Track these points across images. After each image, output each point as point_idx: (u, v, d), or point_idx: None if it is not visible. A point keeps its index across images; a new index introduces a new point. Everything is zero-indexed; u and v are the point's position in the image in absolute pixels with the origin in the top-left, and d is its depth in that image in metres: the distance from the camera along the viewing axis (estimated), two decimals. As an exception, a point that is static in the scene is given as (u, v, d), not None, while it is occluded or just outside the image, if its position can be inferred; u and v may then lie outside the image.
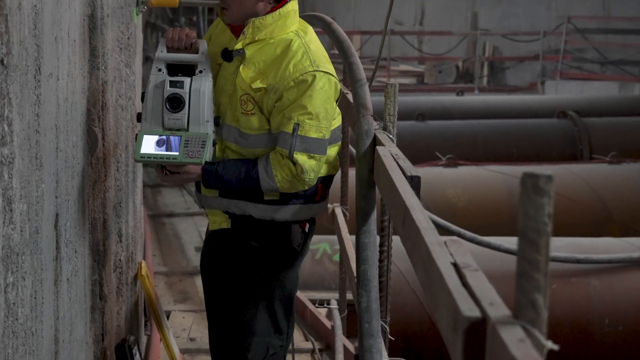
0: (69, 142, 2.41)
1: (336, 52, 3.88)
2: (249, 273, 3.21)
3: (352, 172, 3.66)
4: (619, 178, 8.01)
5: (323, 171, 3.17)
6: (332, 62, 3.13)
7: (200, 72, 3.05)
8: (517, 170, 8.07)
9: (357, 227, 2.87)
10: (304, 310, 5.22)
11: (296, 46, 3.01)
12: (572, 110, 10.65)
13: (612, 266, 5.42)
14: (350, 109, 3.34)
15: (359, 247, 2.86)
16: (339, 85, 3.10)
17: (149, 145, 2.97)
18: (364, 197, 2.87)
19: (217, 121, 3.10)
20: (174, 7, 3.59)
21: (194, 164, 3.00)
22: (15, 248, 1.78)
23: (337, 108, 3.19)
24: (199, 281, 6.08)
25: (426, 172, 7.81)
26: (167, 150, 2.96)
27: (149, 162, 3.02)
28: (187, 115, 3.00)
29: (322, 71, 2.99)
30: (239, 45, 3.05)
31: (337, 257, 5.50)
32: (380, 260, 3.06)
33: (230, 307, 3.27)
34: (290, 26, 3.06)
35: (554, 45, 18.85)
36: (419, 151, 9.26)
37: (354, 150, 3.45)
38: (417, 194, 2.22)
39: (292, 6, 3.07)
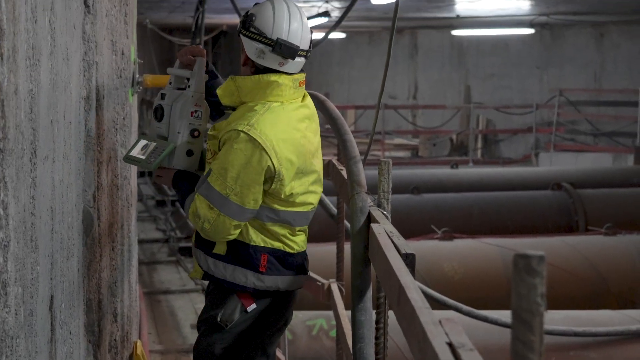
0: (64, 223, 2.42)
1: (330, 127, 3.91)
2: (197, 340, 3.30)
3: (347, 247, 3.66)
4: (615, 250, 8.00)
5: (268, 243, 3.17)
6: (327, 137, 3.18)
7: (189, 87, 3.28)
8: (513, 242, 8.07)
9: (353, 304, 2.87)
10: (301, 387, 5.16)
11: (252, 109, 3.08)
12: (566, 182, 10.68)
13: (610, 339, 5.39)
14: (344, 185, 3.36)
15: (354, 325, 2.85)
16: (265, 161, 3.01)
17: (137, 148, 3.26)
18: (359, 275, 2.86)
19: (193, 133, 3.25)
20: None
21: (147, 169, 3.28)
22: (9, 332, 1.78)
23: (305, 197, 3.16)
24: (195, 359, 6.01)
25: (422, 246, 7.80)
26: (143, 155, 3.23)
27: (129, 162, 3.32)
28: (167, 124, 3.27)
29: (249, 135, 3.00)
30: (224, 101, 3.18)
31: (334, 333, 5.46)
32: (376, 337, 3.04)
33: None
34: (269, 96, 3.09)
35: (547, 117, 19.02)
36: (414, 224, 9.27)
37: (349, 225, 3.46)
38: (412, 271, 2.22)
39: (276, 78, 3.08)
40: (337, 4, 13.56)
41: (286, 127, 3.09)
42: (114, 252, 3.50)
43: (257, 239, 3.16)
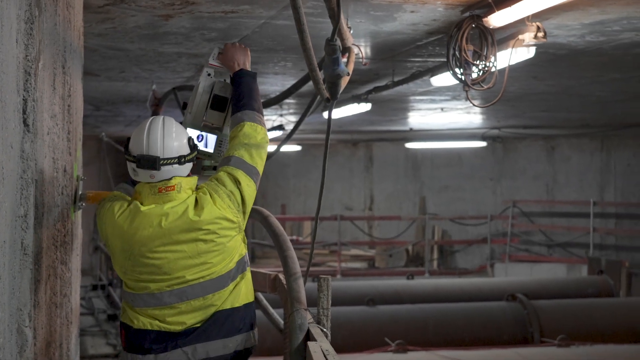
0: (-6, 344, 2.37)
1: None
2: None
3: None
4: (568, 362, 8.00)
5: (124, 317, 3.45)
6: (270, 251, 3.27)
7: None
8: (467, 355, 8.04)
9: None
10: None
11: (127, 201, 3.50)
12: (521, 293, 10.72)
13: None
14: (287, 300, 3.34)
15: None
16: (100, 229, 3.49)
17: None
18: (297, 394, 2.83)
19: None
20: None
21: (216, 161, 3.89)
22: None
23: (136, 283, 3.38)
24: None
25: (375, 359, 7.74)
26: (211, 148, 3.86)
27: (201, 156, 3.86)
28: (225, 116, 3.87)
29: (100, 209, 3.51)
30: None
31: None
32: None
33: None
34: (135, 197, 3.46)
35: (502, 228, 19.19)
36: (369, 336, 9.19)
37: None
38: (346, 391, 2.20)
39: (139, 188, 3.44)
40: (291, 118, 13.74)
41: (125, 220, 3.40)
42: (52, 372, 3.43)
43: (123, 313, 3.48)
